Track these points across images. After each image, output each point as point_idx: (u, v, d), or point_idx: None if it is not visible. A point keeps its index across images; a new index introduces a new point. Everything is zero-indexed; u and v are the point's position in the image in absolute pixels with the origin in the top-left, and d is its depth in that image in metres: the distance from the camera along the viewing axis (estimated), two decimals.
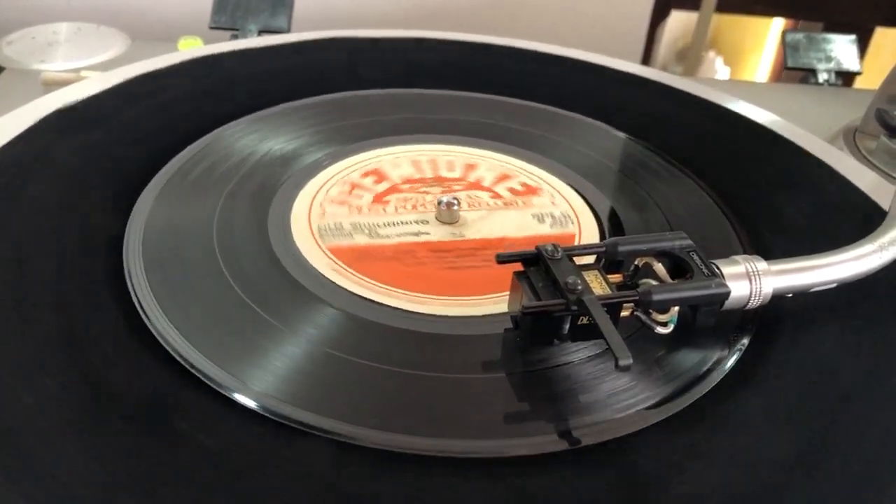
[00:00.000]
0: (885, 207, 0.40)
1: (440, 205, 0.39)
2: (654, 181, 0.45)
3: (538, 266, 0.31)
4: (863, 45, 0.78)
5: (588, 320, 0.29)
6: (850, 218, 0.42)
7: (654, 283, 0.31)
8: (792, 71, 0.76)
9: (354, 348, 0.31)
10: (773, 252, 0.34)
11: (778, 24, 1.37)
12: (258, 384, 0.29)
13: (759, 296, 0.32)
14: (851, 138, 0.62)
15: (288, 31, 0.70)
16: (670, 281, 0.31)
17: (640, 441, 0.28)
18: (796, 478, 0.27)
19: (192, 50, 0.55)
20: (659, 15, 1.07)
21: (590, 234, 0.40)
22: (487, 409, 0.29)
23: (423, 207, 0.40)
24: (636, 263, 0.32)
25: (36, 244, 0.35)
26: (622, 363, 0.27)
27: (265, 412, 0.28)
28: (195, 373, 0.29)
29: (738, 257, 0.33)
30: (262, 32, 0.70)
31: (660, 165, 0.46)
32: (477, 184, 0.43)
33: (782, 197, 0.44)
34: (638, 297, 0.30)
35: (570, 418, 0.29)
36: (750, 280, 0.32)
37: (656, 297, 0.30)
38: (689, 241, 0.32)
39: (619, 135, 0.50)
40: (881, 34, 1.12)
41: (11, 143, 0.41)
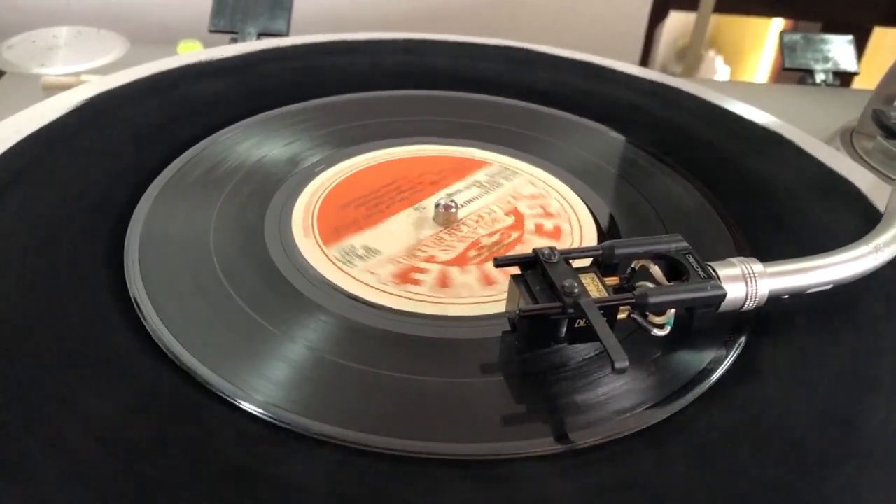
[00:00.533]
0: (882, 208, 0.40)
1: (438, 208, 0.40)
2: (651, 183, 0.45)
3: (535, 269, 0.31)
4: (861, 46, 0.78)
5: (585, 323, 0.29)
6: (847, 219, 0.42)
7: (651, 285, 0.31)
8: (789, 71, 0.77)
9: (352, 353, 0.31)
10: (769, 254, 0.34)
11: (778, 23, 1.37)
12: (257, 390, 0.29)
13: (755, 298, 0.32)
14: (848, 139, 0.62)
15: (287, 34, 0.70)
16: (667, 283, 0.32)
17: (637, 443, 0.28)
18: (793, 479, 0.27)
19: (190, 54, 0.55)
20: (657, 15, 1.07)
21: (587, 236, 0.40)
22: (484, 412, 0.29)
23: (422, 210, 0.41)
24: (633, 266, 0.33)
25: (33, 251, 0.35)
26: (618, 365, 0.27)
27: (265, 417, 0.28)
28: (196, 377, 0.29)
29: (733, 259, 0.33)
30: (261, 35, 0.70)
31: (656, 167, 0.47)
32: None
33: (779, 198, 0.44)
34: (634, 300, 0.30)
35: (567, 420, 0.29)
36: (746, 282, 0.32)
37: (652, 300, 0.30)
38: (686, 244, 0.33)
39: (616, 136, 0.50)
40: (879, 34, 1.12)
41: (11, 149, 0.41)
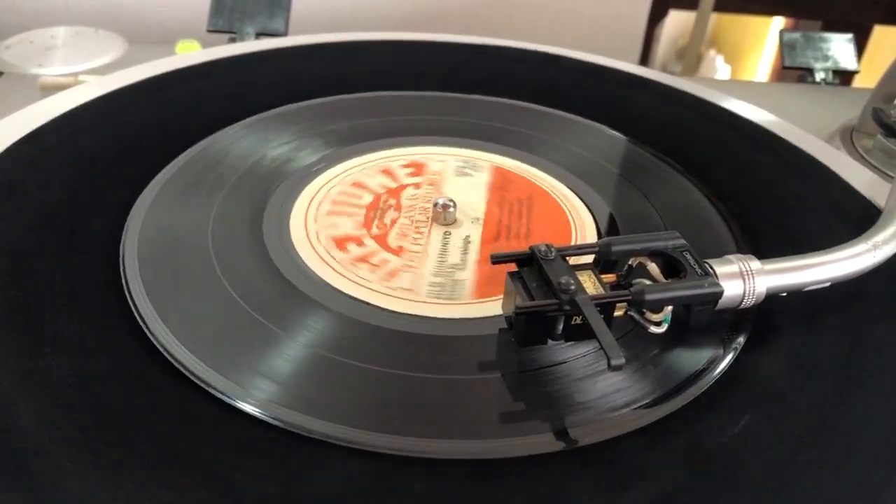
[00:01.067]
0: (881, 206, 0.40)
1: (436, 207, 0.40)
2: (649, 180, 0.45)
3: (532, 266, 0.31)
4: (861, 44, 0.78)
5: (581, 320, 0.29)
6: (846, 216, 0.42)
7: (648, 282, 0.31)
8: (789, 70, 0.76)
9: (350, 352, 0.31)
10: (767, 251, 0.34)
11: (778, 21, 1.37)
12: (257, 389, 0.29)
13: (753, 295, 0.32)
14: (848, 137, 0.62)
15: (285, 34, 0.70)
16: (664, 280, 0.31)
17: (634, 441, 0.28)
18: (792, 477, 0.27)
19: (188, 55, 0.55)
20: (657, 14, 1.07)
21: (586, 233, 0.40)
22: (482, 410, 0.29)
23: (420, 210, 0.41)
24: (630, 263, 0.32)
25: (31, 251, 0.35)
26: (614, 363, 0.27)
27: (265, 417, 0.28)
28: (195, 379, 0.29)
29: (731, 256, 0.33)
30: (259, 35, 0.70)
31: (654, 165, 0.46)
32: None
33: (777, 196, 0.44)
34: (631, 297, 0.30)
35: (564, 418, 0.29)
36: (743, 279, 0.32)
37: (649, 297, 0.30)
38: (683, 241, 0.32)
39: (615, 134, 0.50)
40: (879, 32, 1.12)
41: (9, 148, 0.41)
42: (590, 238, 0.40)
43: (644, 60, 1.10)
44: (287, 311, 0.33)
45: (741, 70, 1.54)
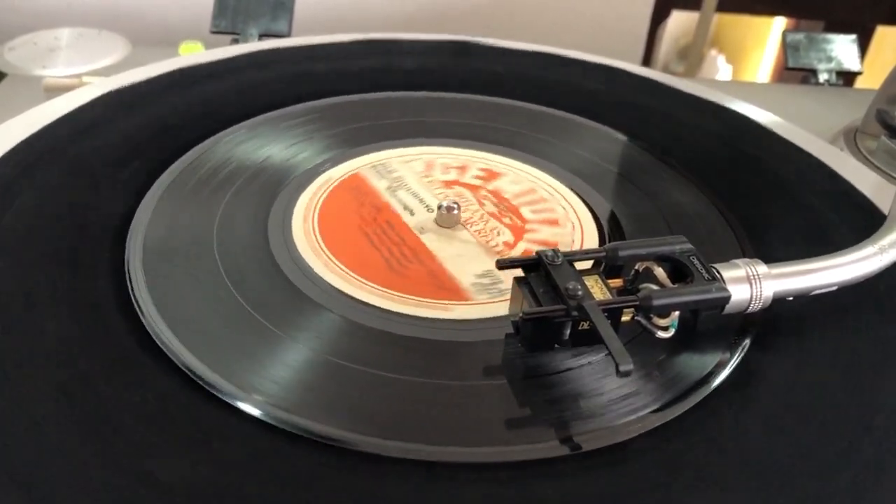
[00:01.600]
0: (886, 209, 0.40)
1: (440, 209, 0.40)
2: (654, 184, 0.45)
3: (538, 271, 0.31)
4: (864, 45, 0.78)
5: (589, 326, 0.29)
6: (851, 219, 0.42)
7: (655, 287, 0.31)
8: (792, 71, 0.76)
9: (355, 355, 0.31)
10: (773, 255, 0.34)
11: (780, 22, 1.37)
12: (259, 391, 0.29)
13: (760, 299, 0.32)
14: (852, 139, 0.62)
15: (289, 35, 0.70)
16: (671, 285, 0.31)
17: (641, 446, 0.28)
18: (799, 482, 0.27)
19: (192, 55, 0.55)
20: (659, 14, 1.07)
21: (590, 237, 0.40)
22: (487, 415, 0.29)
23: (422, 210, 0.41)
24: (636, 268, 0.32)
25: (34, 253, 0.35)
26: (623, 368, 0.27)
27: (267, 419, 0.28)
28: (197, 380, 0.29)
29: (738, 261, 0.33)
30: (262, 37, 0.70)
31: (660, 168, 0.46)
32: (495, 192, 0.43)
33: (783, 199, 0.44)
34: (638, 302, 0.30)
35: (571, 423, 0.29)
36: (750, 284, 0.32)
37: (657, 302, 0.30)
38: (690, 245, 0.32)
39: (619, 136, 0.50)
40: (882, 33, 1.12)
41: (14, 149, 0.41)
42: (593, 243, 0.40)
43: (646, 61, 1.10)
44: (291, 314, 0.33)
45: (743, 70, 1.54)
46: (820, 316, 0.35)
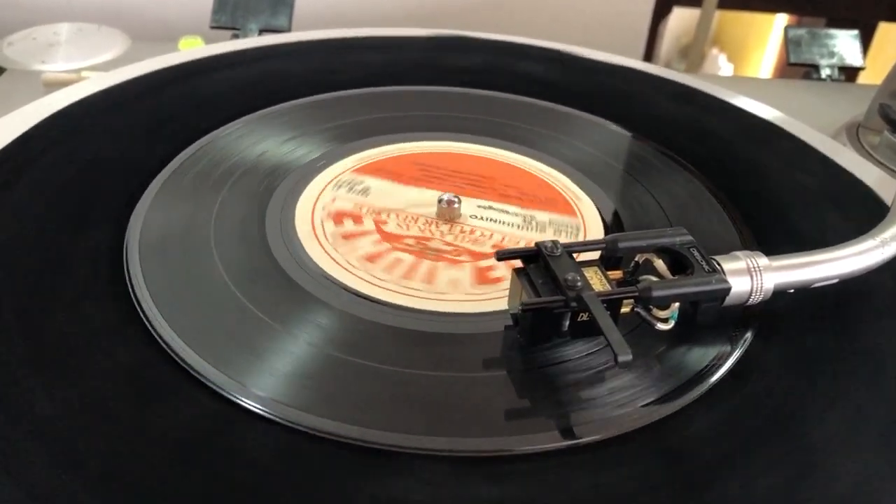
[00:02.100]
0: (888, 202, 0.40)
1: (440, 202, 0.39)
2: (655, 177, 0.45)
3: (538, 263, 0.31)
4: (866, 41, 0.78)
5: (588, 317, 0.29)
6: (853, 213, 0.41)
7: (655, 279, 0.31)
8: (795, 67, 0.76)
9: (354, 349, 0.31)
10: (774, 247, 0.34)
11: (781, 21, 1.37)
12: (258, 385, 0.29)
13: (761, 291, 0.32)
14: (854, 134, 0.61)
15: (289, 30, 0.70)
16: (670, 277, 0.31)
17: (640, 439, 0.28)
18: (798, 474, 0.27)
19: (191, 50, 0.55)
20: (661, 12, 1.07)
21: (592, 230, 0.40)
22: (486, 408, 0.29)
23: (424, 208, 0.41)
24: (636, 260, 0.32)
25: (32, 247, 0.35)
26: (622, 359, 0.27)
27: (268, 415, 0.28)
28: (195, 373, 0.29)
29: (738, 253, 0.32)
30: (262, 32, 0.70)
31: (661, 161, 0.46)
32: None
33: (784, 192, 0.44)
34: (638, 294, 0.30)
35: (570, 415, 0.29)
36: (751, 276, 0.32)
37: (656, 294, 0.30)
38: (690, 237, 0.32)
39: (620, 131, 0.50)
40: (884, 29, 1.11)
41: (11, 145, 0.41)
42: (597, 234, 0.40)
43: (647, 58, 1.10)
44: (289, 308, 0.33)
45: (743, 69, 1.54)
46: (821, 309, 0.34)
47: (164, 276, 0.34)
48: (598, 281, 0.30)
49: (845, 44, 0.76)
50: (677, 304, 0.31)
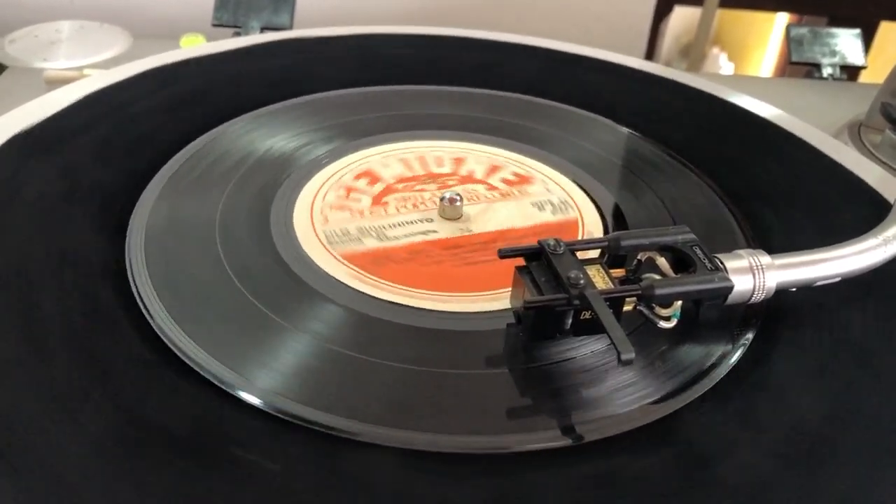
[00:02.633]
0: (890, 201, 0.40)
1: (443, 201, 0.39)
2: (658, 176, 0.45)
3: (540, 261, 0.31)
4: (867, 40, 0.78)
5: (590, 315, 0.29)
6: (855, 212, 0.41)
7: (657, 277, 0.31)
8: (796, 66, 0.76)
9: (357, 345, 0.31)
10: (776, 246, 0.34)
11: (782, 20, 1.37)
12: (264, 382, 0.29)
13: (763, 290, 0.32)
14: (856, 132, 0.62)
15: (290, 28, 0.70)
16: (673, 275, 0.31)
17: (642, 437, 0.28)
18: (799, 475, 0.27)
19: (192, 48, 0.55)
20: (662, 11, 1.07)
21: (591, 221, 0.40)
22: (489, 405, 0.29)
23: (423, 206, 0.40)
24: (639, 258, 0.32)
25: (35, 244, 0.35)
26: (624, 357, 0.27)
27: (271, 410, 0.28)
28: (200, 368, 0.29)
29: (741, 251, 0.32)
30: (264, 29, 0.70)
31: (663, 160, 0.46)
32: (469, 177, 0.43)
33: (786, 191, 0.44)
34: (640, 292, 0.30)
35: (572, 414, 0.29)
36: (753, 274, 0.32)
37: (659, 292, 0.30)
38: (692, 236, 0.32)
39: (622, 129, 0.50)
40: (886, 28, 1.11)
41: (14, 140, 0.41)
42: (597, 225, 0.40)
43: (649, 57, 1.09)
44: (293, 304, 0.33)
45: (744, 68, 1.54)
46: (823, 308, 0.34)
47: (168, 270, 0.34)
48: (600, 279, 0.30)
49: (847, 43, 0.76)
50: (680, 303, 0.31)
